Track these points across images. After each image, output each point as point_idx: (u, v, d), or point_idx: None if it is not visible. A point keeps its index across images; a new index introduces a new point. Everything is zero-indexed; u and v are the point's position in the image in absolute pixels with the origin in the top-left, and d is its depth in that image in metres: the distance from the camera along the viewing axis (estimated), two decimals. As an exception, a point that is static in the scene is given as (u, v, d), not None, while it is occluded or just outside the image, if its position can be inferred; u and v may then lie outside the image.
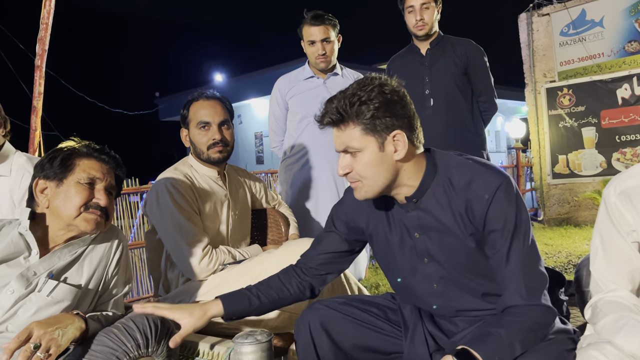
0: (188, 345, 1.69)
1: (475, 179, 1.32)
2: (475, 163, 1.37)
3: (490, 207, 1.29)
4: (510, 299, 1.28)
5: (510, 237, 1.29)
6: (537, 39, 7.52)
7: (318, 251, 1.58)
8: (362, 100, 1.29)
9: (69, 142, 1.57)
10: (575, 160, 7.20)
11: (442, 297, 1.42)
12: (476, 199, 1.31)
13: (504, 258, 1.29)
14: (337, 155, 2.79)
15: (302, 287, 1.56)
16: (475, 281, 1.38)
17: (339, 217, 1.57)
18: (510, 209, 1.29)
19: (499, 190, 1.29)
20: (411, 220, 1.41)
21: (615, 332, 1.18)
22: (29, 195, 1.55)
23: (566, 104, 7.24)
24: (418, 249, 1.42)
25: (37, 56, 3.36)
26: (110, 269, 1.60)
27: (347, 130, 1.32)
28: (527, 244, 1.30)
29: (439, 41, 2.87)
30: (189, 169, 2.15)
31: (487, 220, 1.30)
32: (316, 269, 1.57)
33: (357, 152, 1.32)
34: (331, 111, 1.32)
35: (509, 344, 1.20)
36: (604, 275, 1.31)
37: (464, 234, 1.34)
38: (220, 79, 19.55)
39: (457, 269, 1.38)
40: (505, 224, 1.29)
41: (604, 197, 1.32)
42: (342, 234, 1.56)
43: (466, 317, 1.42)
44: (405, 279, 1.47)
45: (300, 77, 3.00)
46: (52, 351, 1.28)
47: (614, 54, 6.88)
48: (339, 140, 1.34)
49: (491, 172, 1.33)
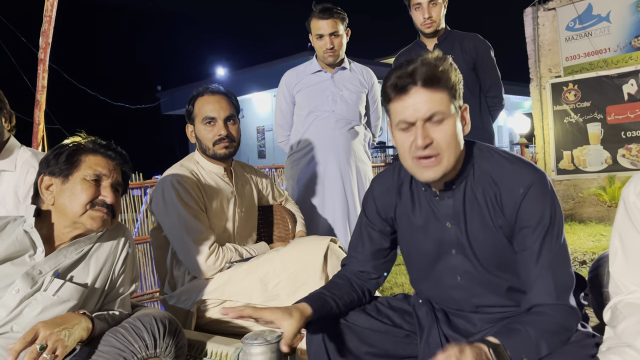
0: (196, 345, 1.66)
1: (509, 172, 1.29)
2: (510, 157, 1.33)
3: (524, 201, 1.26)
4: (538, 297, 1.25)
5: (543, 234, 1.26)
6: (543, 34, 7.46)
7: (364, 253, 1.51)
8: (448, 67, 1.25)
9: (75, 137, 1.54)
10: (580, 156, 7.15)
11: (465, 291, 1.39)
12: (509, 192, 1.28)
13: (534, 255, 1.26)
14: (344, 151, 2.87)
15: (362, 292, 1.49)
16: (500, 277, 1.35)
17: (372, 210, 1.50)
18: (545, 205, 1.26)
19: (533, 185, 1.26)
20: (444, 209, 1.37)
21: (636, 336, 1.15)
22: (34, 191, 1.52)
23: (571, 100, 7.18)
24: (447, 240, 1.37)
25: (41, 49, 3.32)
26: (117, 268, 1.57)
27: (438, 93, 1.23)
28: (559, 242, 1.27)
29: (446, 37, 2.83)
30: (195, 166, 2.12)
31: (520, 214, 1.27)
32: (369, 273, 1.51)
33: (444, 119, 1.24)
34: (425, 68, 1.22)
35: (535, 344, 1.17)
36: (624, 276, 1.27)
37: (495, 227, 1.31)
38: (223, 73, 19.51)
39: (484, 263, 1.35)
40: (539, 221, 1.25)
41: (622, 196, 1.29)
42: (379, 228, 1.50)
43: (485, 313, 1.39)
44: (428, 270, 1.44)
45: (308, 71, 2.95)
46: (59, 352, 1.25)
47: (621, 49, 6.81)
48: (428, 104, 1.22)
49: (526, 167, 1.30)
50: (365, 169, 2.95)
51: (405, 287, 4.01)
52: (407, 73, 1.23)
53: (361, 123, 3.00)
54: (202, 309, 1.94)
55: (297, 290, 1.83)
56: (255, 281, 1.87)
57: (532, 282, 1.26)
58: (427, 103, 1.23)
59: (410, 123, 1.25)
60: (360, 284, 1.50)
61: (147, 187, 4.63)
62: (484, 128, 2.83)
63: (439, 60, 1.25)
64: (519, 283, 1.33)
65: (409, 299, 1.53)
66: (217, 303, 1.92)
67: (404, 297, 1.55)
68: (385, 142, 14.46)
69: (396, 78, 1.25)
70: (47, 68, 3.36)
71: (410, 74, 1.23)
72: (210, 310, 1.94)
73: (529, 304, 1.26)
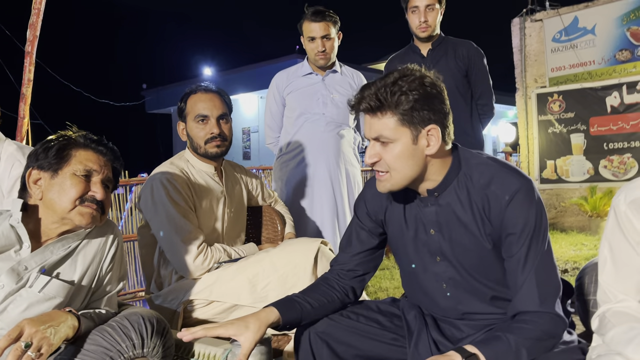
0: (183, 346, 1.64)
1: (495, 178, 1.31)
2: (497, 163, 1.35)
3: (509, 208, 1.27)
4: (523, 304, 1.25)
5: (528, 241, 1.27)
6: (530, 44, 7.55)
7: (351, 253, 1.54)
8: (402, 90, 1.26)
9: (66, 131, 1.51)
10: (563, 166, 7.25)
11: (450, 298, 1.40)
12: (495, 199, 1.29)
13: (520, 262, 1.27)
14: (333, 154, 2.87)
15: (345, 291, 1.51)
16: (485, 284, 1.36)
17: (363, 211, 1.53)
18: (531, 212, 1.27)
19: (519, 192, 1.27)
20: (428, 216, 1.38)
21: (626, 344, 1.16)
22: (21, 185, 1.48)
23: (556, 110, 7.29)
24: (431, 247, 1.39)
25: (28, 42, 3.26)
26: (105, 265, 1.54)
27: (383, 118, 1.28)
28: (544, 249, 1.28)
29: (440, 42, 2.84)
30: (185, 164, 2.10)
31: (505, 221, 1.28)
32: (354, 271, 1.52)
33: (390, 142, 1.29)
34: (369, 97, 1.28)
35: (515, 350, 1.18)
36: (613, 285, 1.28)
37: (481, 234, 1.32)
38: (209, 73, 19.42)
39: (468, 270, 1.36)
40: (524, 227, 1.26)
41: (613, 205, 1.30)
42: (369, 228, 1.52)
43: (471, 320, 1.40)
44: (415, 275, 1.45)
45: (299, 73, 2.95)
46: (44, 350, 1.23)
47: (605, 62, 6.93)
48: (373, 128, 1.30)
49: (513, 173, 1.31)
50: (354, 172, 2.96)
51: (390, 291, 4.02)
52: (357, 100, 1.31)
53: (351, 126, 3.01)
54: (189, 309, 1.92)
55: (286, 292, 1.80)
56: (244, 282, 1.85)
57: (518, 289, 1.27)
58: (371, 126, 1.31)
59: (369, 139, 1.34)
60: (343, 284, 1.51)
61: (132, 186, 4.57)
62: (474, 135, 2.85)
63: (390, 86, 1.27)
64: (504, 291, 1.35)
65: (398, 303, 1.54)
66: (204, 303, 1.90)
67: (393, 300, 1.56)
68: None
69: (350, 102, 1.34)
70: (34, 61, 3.30)
71: (358, 100, 1.31)
72: (197, 310, 1.91)
73: (513, 310, 1.27)
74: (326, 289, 1.49)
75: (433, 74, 1.32)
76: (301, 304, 1.42)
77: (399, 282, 4.16)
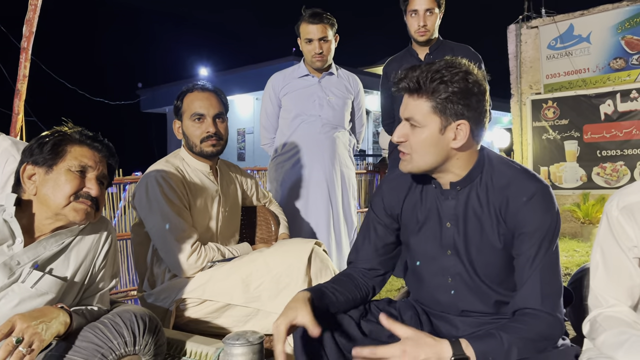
0: (175, 344, 1.64)
1: (515, 180, 1.34)
2: (518, 167, 1.38)
3: (526, 208, 1.30)
4: (524, 300, 1.27)
5: (539, 242, 1.29)
6: (525, 51, 7.59)
7: (370, 249, 1.54)
8: (443, 80, 1.28)
9: (62, 127, 1.50)
10: (557, 173, 7.28)
11: (453, 294, 1.41)
12: (513, 200, 1.32)
13: (529, 260, 1.29)
14: (329, 156, 2.87)
15: (367, 289, 1.51)
16: (488, 286, 1.38)
17: (379, 207, 1.54)
18: (546, 216, 1.30)
19: (536, 195, 1.31)
20: (447, 209, 1.40)
21: (616, 348, 1.17)
22: (15, 180, 1.47)
23: (550, 117, 7.32)
24: (444, 239, 1.41)
25: (24, 38, 3.24)
26: (98, 262, 1.53)
27: (419, 101, 1.31)
28: (552, 251, 1.30)
29: (438, 46, 2.85)
30: (180, 162, 2.09)
31: (520, 221, 1.31)
32: (376, 270, 1.53)
33: (418, 126, 1.32)
34: (411, 78, 1.31)
35: (506, 348, 1.19)
36: (604, 290, 1.29)
37: (494, 233, 1.35)
38: (205, 73, 19.38)
39: (476, 268, 1.38)
40: (537, 228, 1.29)
41: (605, 211, 1.31)
42: (385, 223, 1.53)
43: (469, 317, 1.41)
44: (421, 267, 1.47)
45: (295, 75, 2.95)
46: (35, 346, 1.22)
47: (599, 69, 6.97)
48: (407, 108, 1.33)
49: (532, 177, 1.35)
50: (349, 174, 2.96)
51: (382, 294, 4.03)
52: (399, 78, 1.34)
53: (346, 129, 3.01)
54: (181, 307, 1.92)
55: (279, 292, 1.81)
56: (237, 281, 1.85)
57: (521, 285, 1.29)
58: (406, 106, 1.35)
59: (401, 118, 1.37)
60: (365, 281, 1.51)
61: (126, 184, 4.55)
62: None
63: (435, 72, 1.30)
64: (507, 296, 1.36)
65: (394, 304, 1.54)
66: (197, 302, 1.90)
67: (389, 301, 1.56)
68: (365, 151, 14.53)
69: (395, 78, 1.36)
70: (30, 57, 3.28)
71: (400, 79, 1.34)
72: (189, 309, 1.91)
73: (514, 306, 1.29)
74: (352, 287, 1.48)
75: (481, 73, 1.34)
76: (330, 294, 1.42)
77: (391, 284, 4.16)
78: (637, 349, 1.14)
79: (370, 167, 7.15)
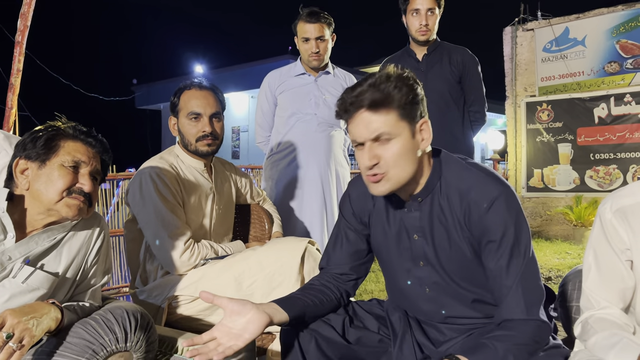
0: (166, 341, 1.63)
1: (475, 186, 1.30)
2: (477, 170, 1.34)
3: (488, 216, 1.27)
4: (509, 312, 1.25)
5: (509, 249, 1.26)
6: (521, 53, 7.62)
7: (342, 256, 1.51)
8: (397, 85, 1.25)
9: (55, 122, 1.49)
10: (550, 175, 7.32)
11: (433, 302, 1.41)
12: (475, 207, 1.29)
13: (503, 271, 1.27)
14: (324, 155, 2.87)
15: (340, 293, 1.49)
16: (467, 289, 1.37)
17: (349, 212, 1.52)
18: (510, 220, 1.27)
19: (498, 199, 1.27)
20: (412, 221, 1.38)
21: (607, 350, 1.17)
22: (7, 175, 1.46)
23: (544, 119, 7.35)
24: (414, 252, 1.39)
25: (18, 32, 3.22)
26: (90, 258, 1.52)
27: (383, 114, 1.25)
28: (528, 257, 1.28)
29: (435, 47, 2.86)
30: (175, 159, 2.08)
31: (485, 229, 1.28)
32: (347, 275, 1.51)
33: (391, 139, 1.26)
34: (372, 91, 1.25)
35: (502, 357, 1.18)
36: (596, 292, 1.30)
37: (461, 240, 1.32)
38: (201, 71, 19.33)
39: (451, 275, 1.36)
40: (503, 235, 1.26)
41: (599, 213, 1.31)
42: (355, 228, 1.51)
43: (454, 324, 1.41)
44: (399, 280, 1.45)
45: (292, 73, 2.95)
46: (26, 342, 1.21)
47: (594, 73, 7.01)
48: (373, 126, 1.26)
49: (492, 180, 1.31)
50: (344, 174, 2.96)
51: (375, 294, 4.03)
52: (354, 97, 1.27)
53: (342, 128, 3.01)
54: (173, 305, 1.91)
55: (272, 290, 1.81)
56: (230, 279, 1.84)
57: (502, 298, 1.27)
58: (369, 124, 1.26)
59: (360, 143, 1.30)
60: (338, 286, 1.49)
61: (119, 180, 4.54)
62: (464, 141, 2.87)
63: (385, 81, 1.26)
64: (485, 296, 1.36)
65: (382, 304, 1.54)
66: (189, 300, 1.89)
67: (378, 302, 1.56)
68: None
69: (343, 102, 1.29)
70: (24, 51, 3.26)
71: (355, 98, 1.26)
72: (181, 307, 1.90)
73: (499, 318, 1.27)
74: (323, 289, 1.46)
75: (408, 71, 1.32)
76: (302, 300, 1.39)
77: (383, 284, 4.17)
78: (628, 351, 1.14)
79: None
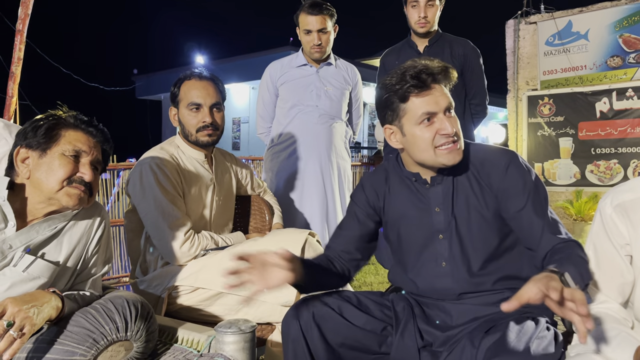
0: (166, 331, 1.64)
1: (490, 154, 1.45)
2: (485, 145, 1.52)
3: (508, 171, 1.40)
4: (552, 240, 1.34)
5: (532, 195, 1.38)
6: (523, 47, 7.58)
7: (348, 235, 1.58)
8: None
9: (56, 111, 1.49)
10: (551, 169, 7.31)
11: (449, 278, 1.44)
12: (494, 167, 1.42)
13: (531, 210, 1.37)
14: (325, 147, 2.87)
15: (343, 270, 1.56)
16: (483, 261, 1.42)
17: (361, 198, 1.59)
18: (527, 173, 1.41)
19: (513, 159, 1.42)
20: (434, 195, 1.46)
21: (606, 344, 1.18)
22: (8, 163, 1.46)
23: (546, 113, 7.33)
24: (435, 224, 1.46)
25: (19, 20, 3.21)
26: (91, 247, 1.53)
27: (445, 89, 1.40)
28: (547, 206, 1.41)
29: (437, 39, 2.84)
30: (175, 150, 2.08)
31: (506, 184, 1.40)
32: (351, 253, 1.57)
33: (453, 109, 1.40)
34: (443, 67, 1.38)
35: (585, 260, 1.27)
36: (595, 286, 1.31)
37: (482, 205, 1.42)
38: (202, 61, 19.26)
39: (470, 245, 1.42)
40: (525, 184, 1.39)
41: (599, 208, 1.32)
42: (367, 213, 1.57)
43: (465, 303, 1.43)
44: (414, 258, 1.50)
45: (293, 64, 2.94)
46: (26, 330, 1.21)
47: (596, 67, 6.98)
48: (447, 98, 1.38)
49: (502, 150, 1.46)
50: (345, 166, 2.96)
51: (374, 286, 4.04)
52: (428, 72, 1.37)
53: (343, 120, 3.00)
54: (173, 295, 1.91)
55: (272, 281, 1.81)
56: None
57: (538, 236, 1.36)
58: (443, 97, 1.39)
59: (433, 114, 1.37)
60: (341, 263, 1.56)
61: (120, 170, 4.53)
62: (465, 134, 2.85)
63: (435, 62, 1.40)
64: (499, 269, 1.42)
65: (386, 295, 1.55)
66: (189, 290, 1.90)
67: (381, 294, 1.57)
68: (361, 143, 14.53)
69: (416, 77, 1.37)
70: (25, 40, 3.25)
71: (430, 72, 1.37)
72: (181, 297, 1.91)
73: (544, 250, 1.34)
74: (328, 262, 1.54)
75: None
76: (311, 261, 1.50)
77: (383, 277, 4.18)
78: (626, 345, 1.15)
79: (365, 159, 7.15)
